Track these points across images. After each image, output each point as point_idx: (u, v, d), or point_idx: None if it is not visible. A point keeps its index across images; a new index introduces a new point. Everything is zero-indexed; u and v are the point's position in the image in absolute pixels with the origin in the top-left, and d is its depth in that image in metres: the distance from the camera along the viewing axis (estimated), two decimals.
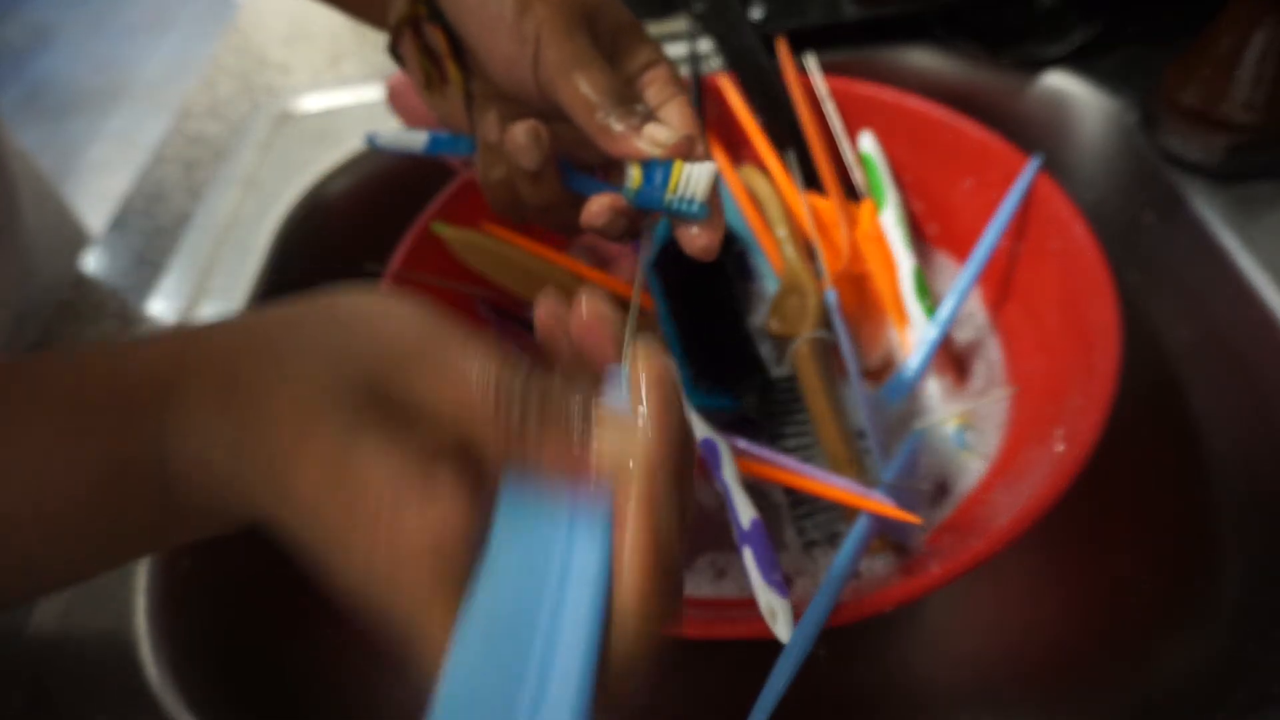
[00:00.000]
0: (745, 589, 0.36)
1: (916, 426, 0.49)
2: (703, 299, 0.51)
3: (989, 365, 0.54)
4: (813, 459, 0.48)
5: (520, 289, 0.54)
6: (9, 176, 0.60)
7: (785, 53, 0.59)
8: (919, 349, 0.50)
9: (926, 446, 0.48)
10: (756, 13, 0.63)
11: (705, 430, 0.45)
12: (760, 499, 0.46)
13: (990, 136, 0.53)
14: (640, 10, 0.70)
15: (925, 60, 0.65)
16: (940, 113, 0.54)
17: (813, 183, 0.56)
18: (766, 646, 0.34)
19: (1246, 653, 0.44)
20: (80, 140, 2.14)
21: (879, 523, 0.42)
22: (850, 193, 0.57)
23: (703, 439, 0.44)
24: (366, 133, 0.39)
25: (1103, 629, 0.49)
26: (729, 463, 0.42)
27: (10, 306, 0.57)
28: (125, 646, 0.44)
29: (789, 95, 0.58)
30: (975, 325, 0.55)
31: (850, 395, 0.49)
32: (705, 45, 0.62)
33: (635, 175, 0.31)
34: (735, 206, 0.56)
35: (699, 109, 0.58)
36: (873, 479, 0.45)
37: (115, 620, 0.44)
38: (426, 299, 0.22)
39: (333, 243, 0.64)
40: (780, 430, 0.49)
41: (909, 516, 0.39)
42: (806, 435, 0.49)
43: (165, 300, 0.58)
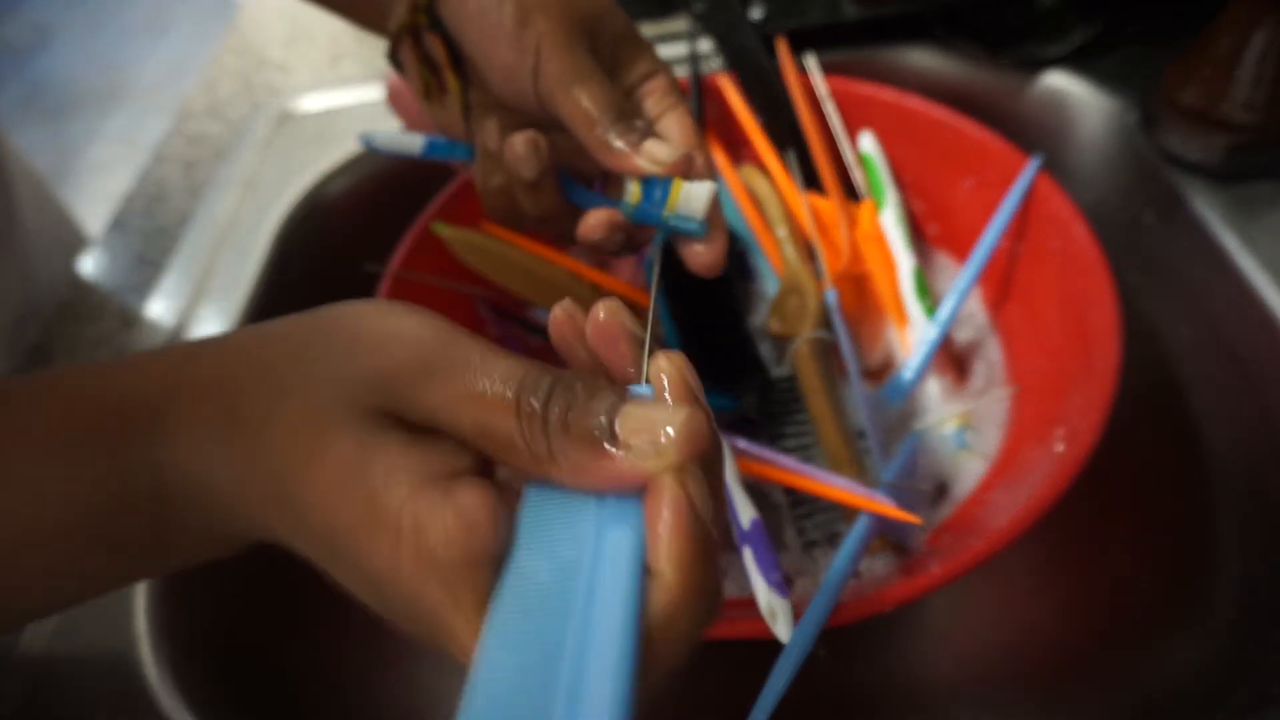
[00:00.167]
0: (745, 589, 0.36)
1: (916, 426, 0.49)
2: (703, 299, 0.51)
3: (989, 365, 0.54)
4: (813, 459, 0.48)
5: (520, 289, 0.54)
6: (6, 178, 0.60)
7: (785, 53, 0.59)
8: (919, 349, 0.50)
9: (926, 446, 0.48)
10: (756, 13, 0.63)
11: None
12: (760, 499, 0.46)
13: (990, 136, 0.53)
14: (640, 10, 0.71)
15: (925, 60, 0.65)
16: (940, 113, 0.54)
17: (813, 183, 0.56)
18: (766, 646, 0.34)
19: (1246, 653, 0.44)
20: (80, 140, 2.14)
21: (879, 523, 0.42)
22: (850, 193, 0.57)
23: None
24: (361, 134, 0.39)
25: (1103, 629, 0.49)
26: (729, 463, 0.42)
27: (8, 308, 0.57)
28: (125, 646, 0.44)
29: (789, 95, 0.58)
30: (975, 325, 0.55)
31: (850, 395, 0.49)
32: (705, 45, 0.62)
33: (634, 191, 0.31)
34: (735, 206, 0.56)
35: (699, 109, 0.58)
36: (873, 479, 0.45)
37: (114, 620, 0.44)
38: (429, 307, 0.22)
39: (333, 243, 0.64)
40: (780, 430, 0.49)
41: (909, 516, 0.39)
42: (806, 435, 0.49)
43: (165, 300, 0.58)
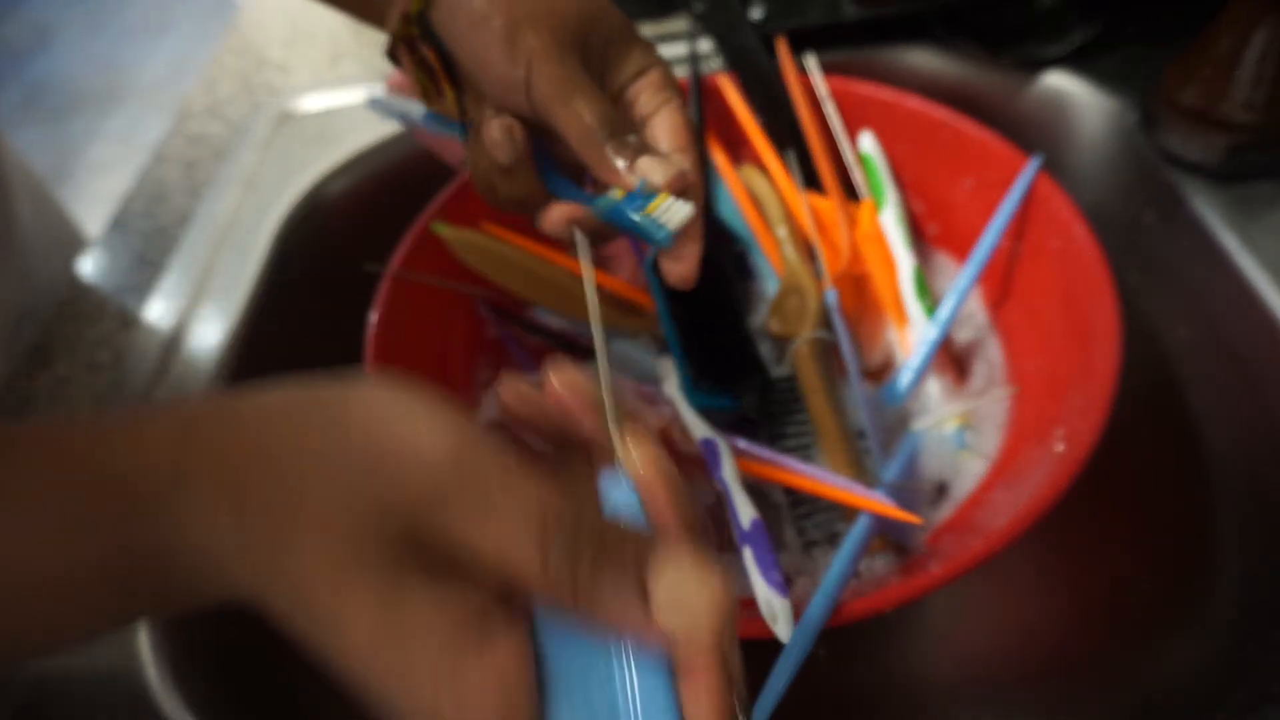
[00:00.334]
0: (745, 589, 0.36)
1: (916, 426, 0.49)
2: (703, 299, 0.51)
3: (989, 365, 0.54)
4: (813, 459, 0.48)
5: (520, 289, 0.54)
6: (4, 179, 0.60)
7: (785, 53, 0.59)
8: (919, 349, 0.50)
9: (926, 446, 0.48)
10: (756, 13, 0.63)
11: (705, 430, 0.45)
12: (760, 499, 0.46)
13: (990, 136, 0.53)
14: (640, 10, 0.71)
15: (925, 60, 0.65)
16: (940, 113, 0.54)
17: (813, 183, 0.56)
18: (766, 646, 0.34)
19: (1246, 653, 0.44)
20: (80, 141, 2.13)
21: (879, 523, 0.42)
22: (850, 193, 0.57)
23: (703, 439, 0.44)
24: (369, 93, 0.40)
25: (1103, 629, 0.49)
26: (729, 463, 0.42)
27: (7, 309, 0.57)
28: (125, 646, 0.44)
29: (789, 95, 0.58)
30: (975, 325, 0.55)
31: (850, 395, 0.49)
32: (705, 45, 0.62)
33: (619, 193, 0.32)
34: (735, 206, 0.56)
35: (699, 109, 0.58)
36: (873, 479, 0.45)
37: None
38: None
39: (333, 243, 0.64)
40: (780, 430, 0.49)
41: (909, 516, 0.39)
42: (806, 435, 0.49)
43: (165, 300, 0.58)
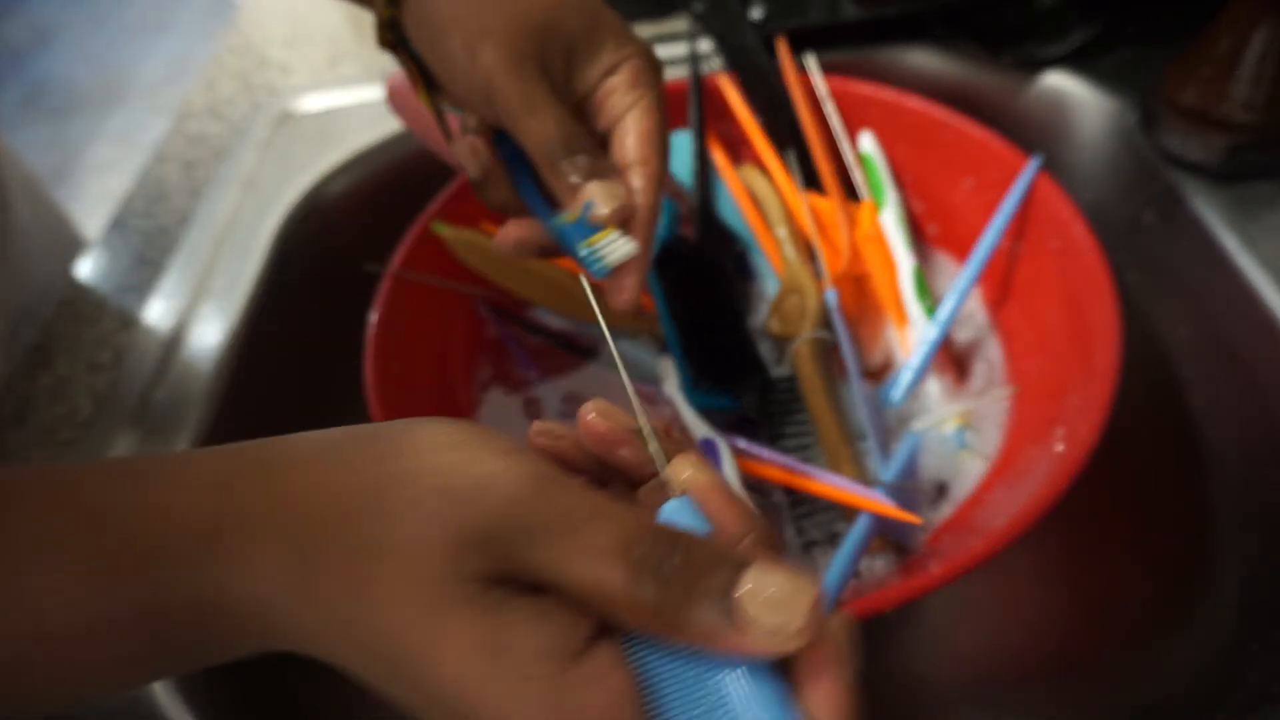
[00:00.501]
0: None
1: (916, 426, 0.49)
2: (703, 299, 0.51)
3: (989, 365, 0.54)
4: (813, 459, 0.48)
5: (520, 289, 0.54)
6: (1, 180, 0.60)
7: (785, 53, 0.59)
8: (919, 349, 0.50)
9: (926, 446, 0.48)
10: (756, 13, 0.63)
11: (705, 430, 0.45)
12: (760, 499, 0.46)
13: (990, 136, 0.53)
14: (640, 10, 0.71)
15: (925, 60, 0.65)
16: (940, 113, 0.54)
17: (813, 183, 0.56)
18: None
19: (1247, 653, 0.44)
20: (80, 140, 2.13)
21: (879, 523, 0.42)
22: (850, 193, 0.57)
23: (703, 439, 0.44)
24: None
25: (1103, 629, 0.49)
26: (729, 463, 0.42)
27: (4, 311, 0.57)
28: None
29: (789, 95, 0.58)
30: (975, 325, 0.55)
31: (850, 395, 0.49)
32: (705, 45, 0.62)
33: (574, 211, 0.33)
34: (735, 206, 0.56)
35: (699, 109, 0.58)
36: (873, 479, 0.45)
37: None
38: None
39: (333, 243, 0.64)
40: (780, 430, 0.49)
41: (909, 516, 0.39)
42: (806, 435, 0.49)
43: (165, 300, 0.58)
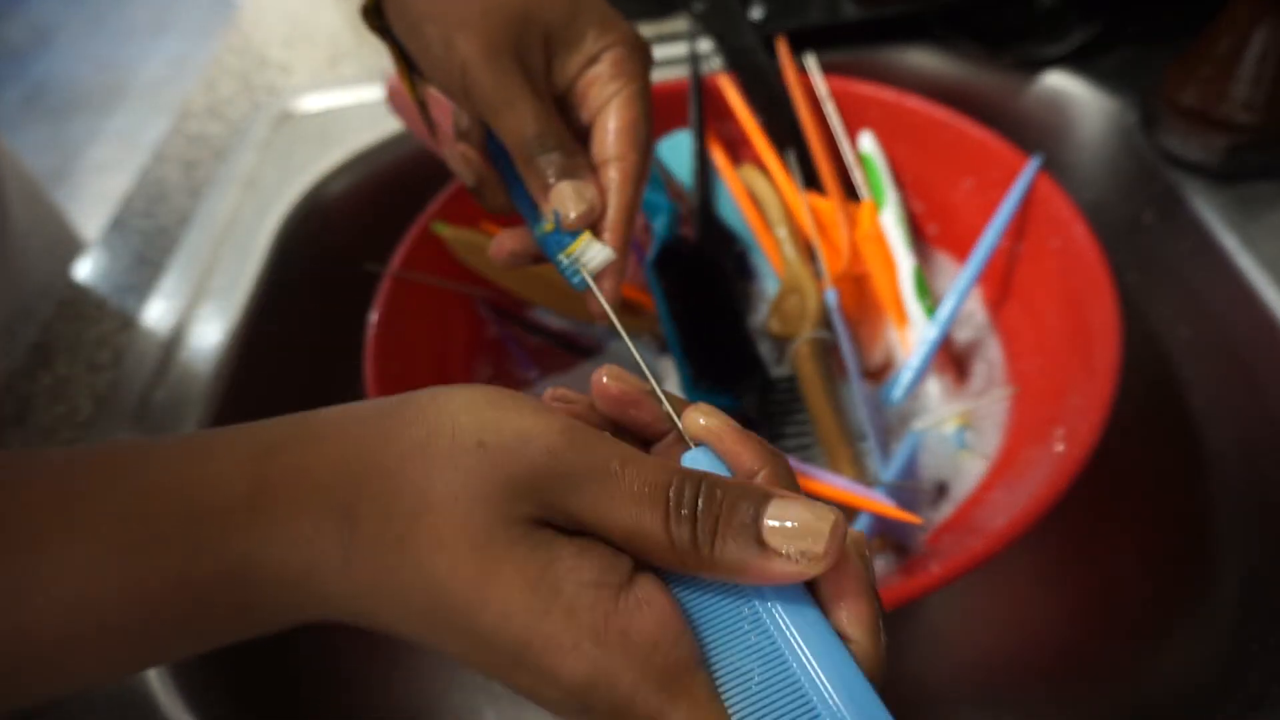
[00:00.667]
0: None
1: (916, 426, 0.49)
2: (703, 299, 0.51)
3: (989, 365, 0.54)
4: (813, 459, 0.48)
5: (520, 289, 0.54)
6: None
7: (785, 53, 0.59)
8: (919, 349, 0.50)
9: (926, 446, 0.48)
10: (756, 13, 0.63)
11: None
12: None
13: (990, 136, 0.53)
14: (640, 10, 0.71)
15: (925, 60, 0.65)
16: (940, 113, 0.54)
17: (813, 183, 0.56)
18: None
19: (1247, 653, 0.44)
20: (80, 140, 2.13)
21: (879, 523, 0.42)
22: (850, 193, 0.57)
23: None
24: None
25: (1102, 629, 0.49)
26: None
27: (2, 310, 0.57)
28: None
29: (789, 95, 0.58)
30: (975, 325, 0.55)
31: (850, 395, 0.49)
32: (705, 45, 0.62)
33: (548, 224, 0.32)
34: (735, 206, 0.56)
35: (699, 109, 0.58)
36: (873, 479, 0.45)
37: None
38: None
39: (333, 243, 0.64)
40: (780, 430, 0.49)
41: (909, 516, 0.39)
42: (806, 435, 0.49)
43: (165, 300, 0.58)
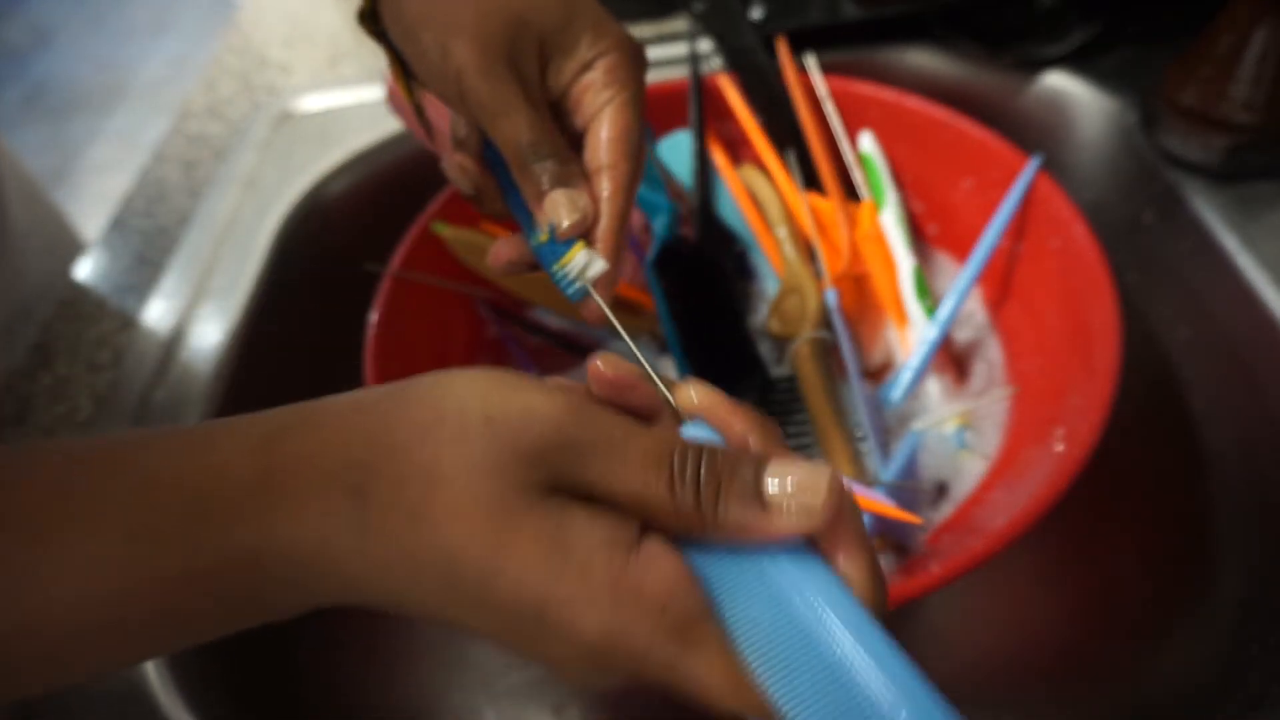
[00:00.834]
0: None
1: (916, 426, 0.49)
2: (703, 299, 0.51)
3: (989, 365, 0.54)
4: (813, 459, 0.48)
5: (520, 289, 0.54)
6: None
7: (785, 53, 0.59)
8: (919, 349, 0.50)
9: (926, 446, 0.48)
10: (756, 13, 0.63)
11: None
12: None
13: (990, 136, 0.53)
14: (640, 10, 0.71)
15: (925, 60, 0.65)
16: (940, 113, 0.54)
17: (813, 183, 0.56)
18: None
19: (1247, 653, 0.44)
20: (80, 140, 2.13)
21: (879, 523, 0.42)
22: (850, 193, 0.57)
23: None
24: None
25: (1102, 629, 0.49)
26: None
27: (2, 310, 0.57)
28: None
29: (789, 95, 0.58)
30: (975, 325, 0.55)
31: (850, 395, 0.49)
32: (705, 45, 0.62)
33: (543, 235, 0.31)
34: (735, 206, 0.56)
35: (699, 109, 0.58)
36: (873, 479, 0.45)
37: None
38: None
39: (333, 243, 0.64)
40: (780, 430, 0.49)
41: (909, 516, 0.39)
42: (806, 435, 0.49)
43: (165, 300, 0.58)
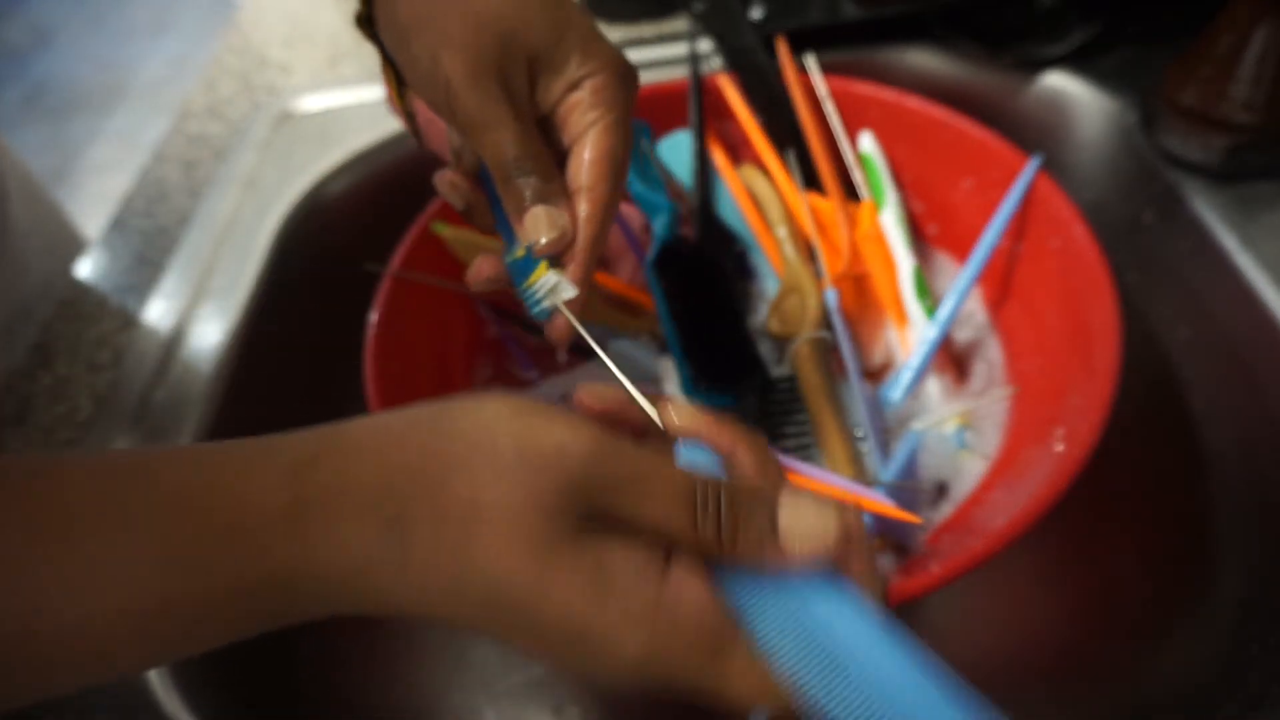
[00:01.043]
0: None
1: (916, 426, 0.49)
2: (703, 299, 0.51)
3: (989, 365, 0.54)
4: (813, 459, 0.48)
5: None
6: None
7: (785, 53, 0.59)
8: (919, 349, 0.50)
9: (926, 446, 0.48)
10: (756, 13, 0.63)
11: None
12: None
13: (990, 136, 0.53)
14: (640, 10, 0.71)
15: (925, 60, 0.65)
16: (940, 113, 0.54)
17: (813, 183, 0.56)
18: None
19: (1247, 653, 0.44)
20: (80, 140, 2.13)
21: (879, 523, 0.42)
22: (850, 193, 0.57)
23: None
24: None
25: (1102, 629, 0.49)
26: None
27: (2, 310, 0.57)
28: None
29: (789, 95, 0.58)
30: (975, 325, 0.55)
31: (850, 395, 0.49)
32: (705, 45, 0.62)
33: (520, 250, 0.31)
34: (735, 206, 0.56)
35: (699, 109, 0.58)
36: (872, 479, 0.45)
37: None
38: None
39: (333, 243, 0.64)
40: (780, 430, 0.49)
41: (909, 516, 0.39)
42: (806, 435, 0.49)
43: (165, 300, 0.58)
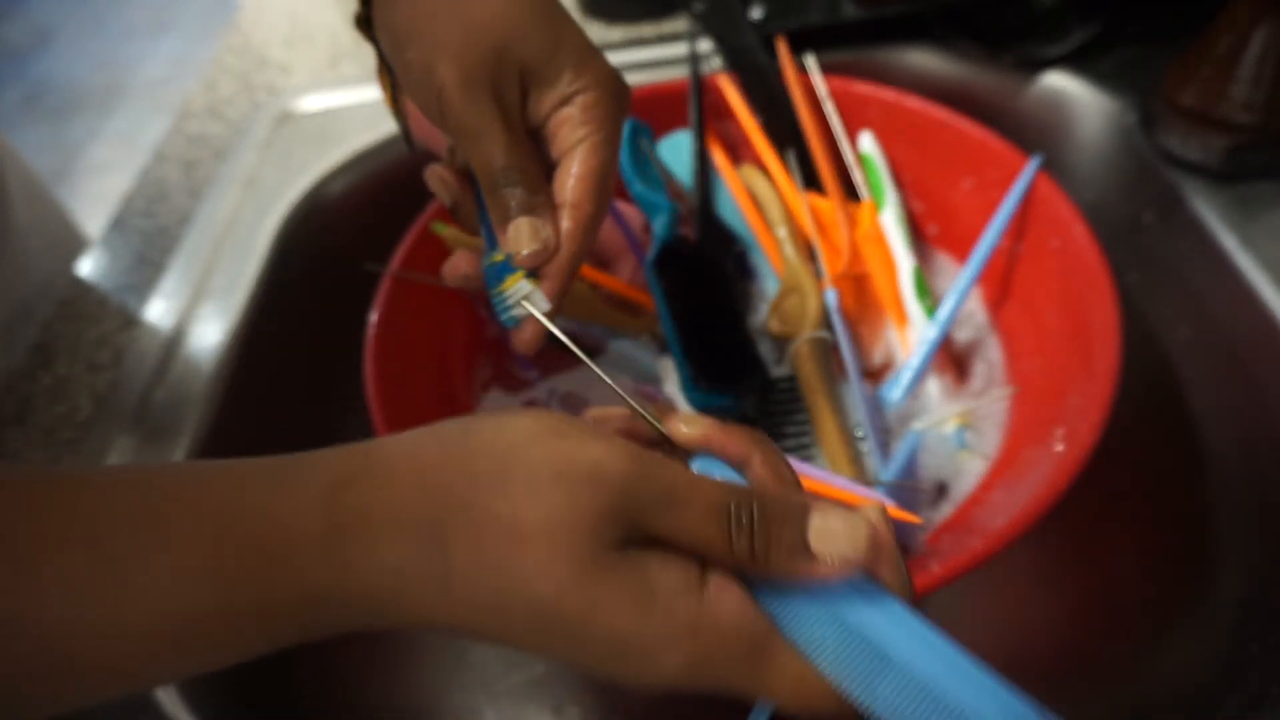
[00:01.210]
0: None
1: (916, 426, 0.49)
2: (703, 299, 0.51)
3: (989, 365, 0.54)
4: (813, 459, 0.48)
5: None
6: (1, 179, 0.60)
7: (785, 53, 0.59)
8: (919, 349, 0.50)
9: (926, 446, 0.48)
10: (756, 13, 0.63)
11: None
12: None
13: (990, 136, 0.53)
14: (640, 10, 0.71)
15: (925, 60, 0.65)
16: (940, 113, 0.54)
17: (813, 183, 0.56)
18: None
19: (1246, 653, 0.44)
20: (80, 140, 2.13)
21: None
22: (850, 193, 0.57)
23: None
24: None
25: (1102, 629, 0.49)
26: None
27: (3, 309, 0.57)
28: None
29: (789, 95, 0.58)
30: (975, 325, 0.55)
31: (850, 395, 0.49)
32: (705, 45, 0.62)
33: (499, 255, 0.32)
34: (735, 206, 0.56)
35: (699, 109, 0.58)
36: (872, 479, 0.45)
37: None
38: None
39: (333, 243, 0.64)
40: (780, 430, 0.49)
41: (909, 516, 0.39)
42: (806, 435, 0.49)
43: (165, 300, 0.58)
